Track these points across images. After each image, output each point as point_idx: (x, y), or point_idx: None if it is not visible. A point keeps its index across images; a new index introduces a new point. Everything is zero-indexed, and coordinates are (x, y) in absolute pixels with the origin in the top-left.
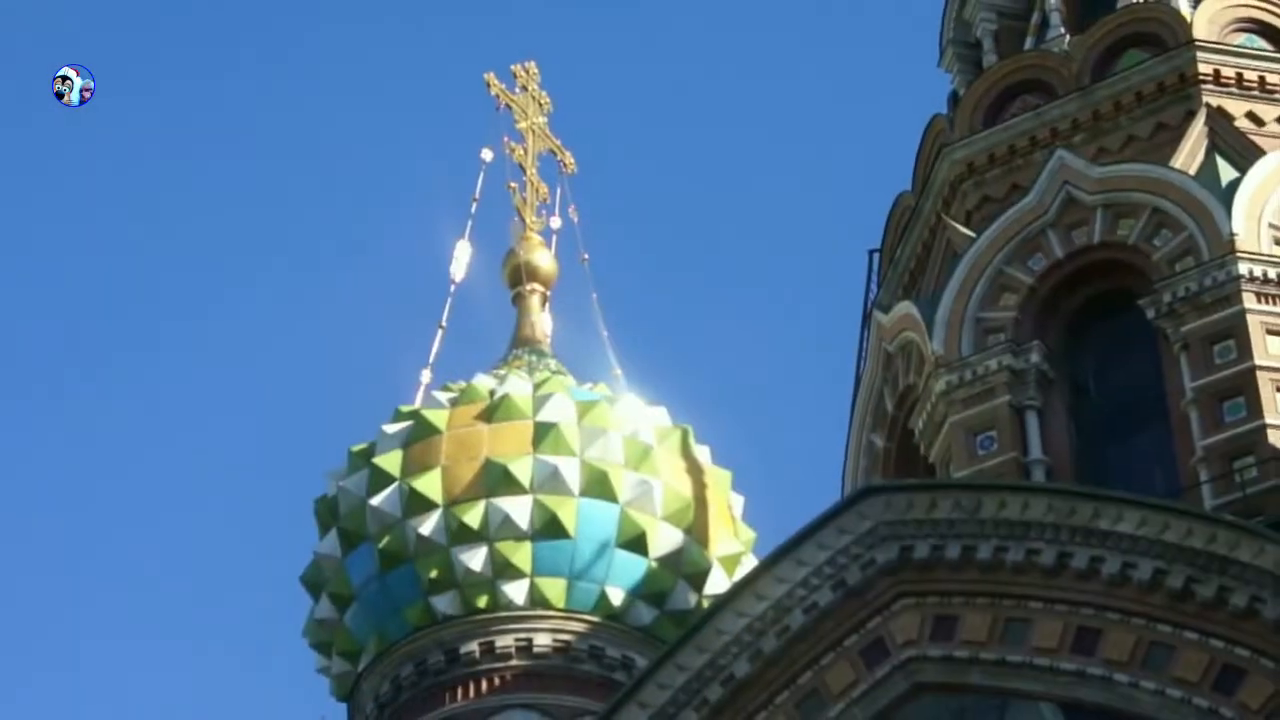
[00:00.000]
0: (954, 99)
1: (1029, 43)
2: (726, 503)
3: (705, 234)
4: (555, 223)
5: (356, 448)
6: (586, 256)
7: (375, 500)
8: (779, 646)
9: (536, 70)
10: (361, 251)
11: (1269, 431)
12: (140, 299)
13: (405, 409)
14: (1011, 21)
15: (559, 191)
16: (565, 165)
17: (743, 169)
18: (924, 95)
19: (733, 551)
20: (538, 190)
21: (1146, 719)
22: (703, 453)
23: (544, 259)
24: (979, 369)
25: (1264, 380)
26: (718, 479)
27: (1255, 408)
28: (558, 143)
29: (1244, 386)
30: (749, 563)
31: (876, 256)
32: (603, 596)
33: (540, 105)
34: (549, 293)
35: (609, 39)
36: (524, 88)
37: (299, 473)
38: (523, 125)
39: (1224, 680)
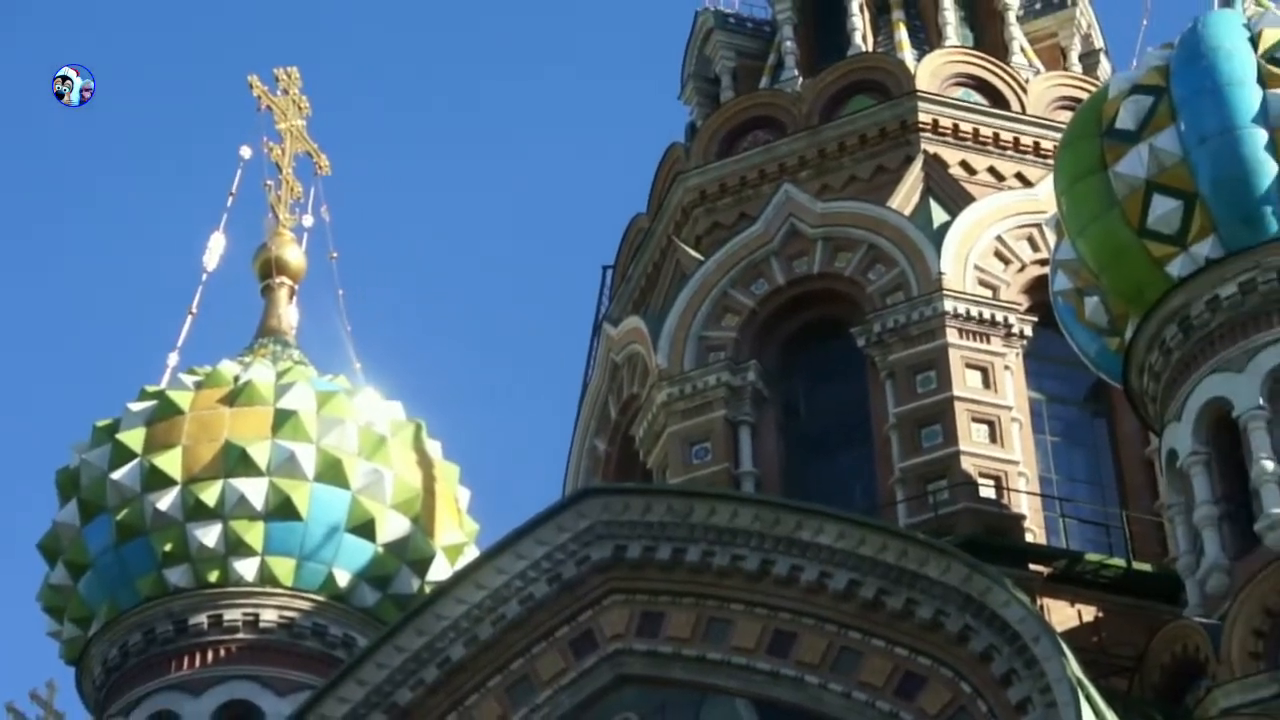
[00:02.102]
0: (692, 130)
1: (765, 82)
2: (453, 495)
3: (450, 241)
4: (307, 221)
5: (101, 423)
6: (335, 255)
7: (116, 474)
8: (494, 634)
9: (298, 75)
10: (120, 236)
11: (962, 458)
12: None
13: (151, 389)
14: (750, 61)
15: (313, 191)
16: (320, 167)
17: (489, 183)
18: (664, 125)
19: (456, 542)
20: (292, 189)
21: (833, 719)
22: (434, 447)
23: (294, 254)
24: (699, 384)
25: (960, 410)
26: (446, 472)
27: (951, 435)
28: (314, 145)
29: (942, 415)
30: (471, 553)
31: (610, 272)
32: (329, 577)
33: (300, 108)
34: (297, 287)
35: (369, 50)
36: (285, 91)
37: (45, 444)
38: (282, 126)
39: (906, 686)
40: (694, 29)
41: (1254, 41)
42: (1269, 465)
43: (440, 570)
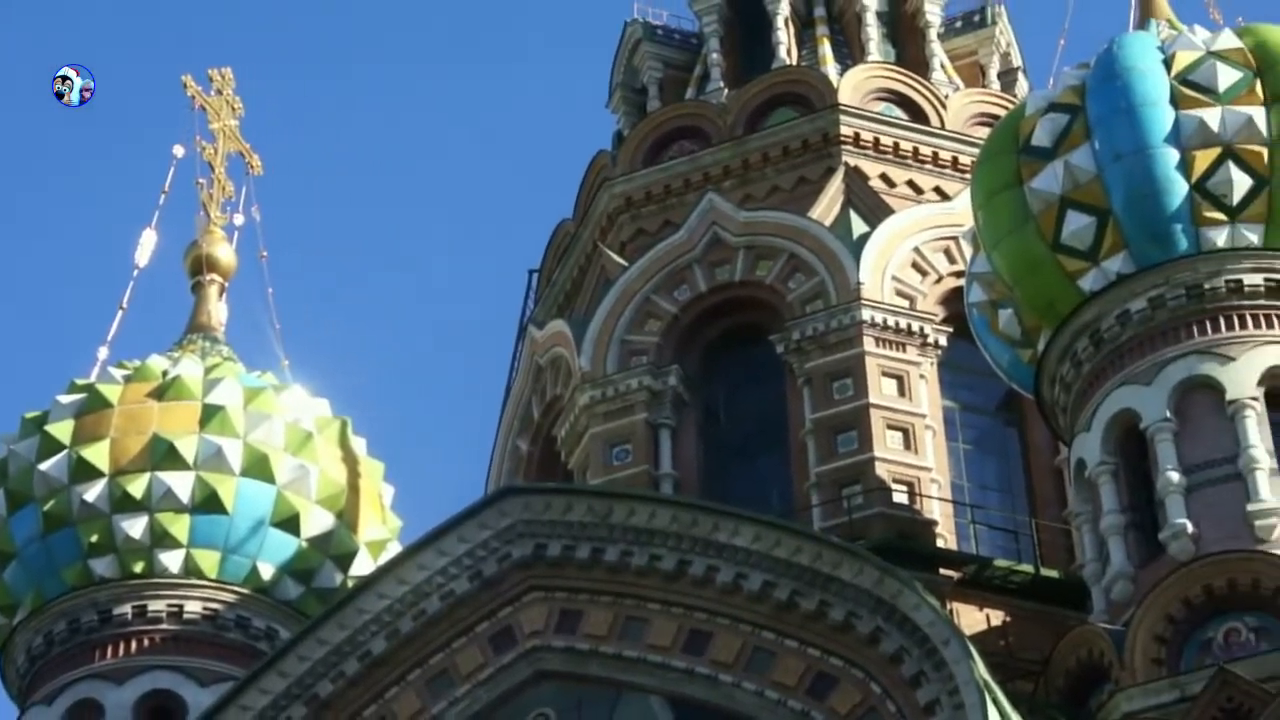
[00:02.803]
0: (618, 138)
1: (691, 93)
2: (378, 492)
3: (379, 243)
4: (238, 220)
5: (30, 414)
6: (265, 254)
7: (44, 465)
8: (415, 628)
9: (232, 76)
10: (52, 231)
11: (876, 464)
12: None
13: (80, 382)
14: (676, 72)
15: (244, 191)
16: (252, 167)
17: (419, 186)
18: (591, 132)
19: (380, 537)
20: (224, 188)
21: (746, 717)
22: (359, 444)
23: (224, 252)
24: (620, 387)
25: (876, 417)
26: (371, 469)
27: (866, 441)
28: (247, 145)
29: (857, 421)
30: (394, 549)
31: (535, 276)
32: (253, 570)
33: (233, 109)
34: (226, 284)
35: (303, 52)
36: (219, 91)
37: None
38: (215, 126)
39: (818, 686)
40: (622, 39)
41: (1168, 63)
42: (1174, 476)
43: (363, 565)
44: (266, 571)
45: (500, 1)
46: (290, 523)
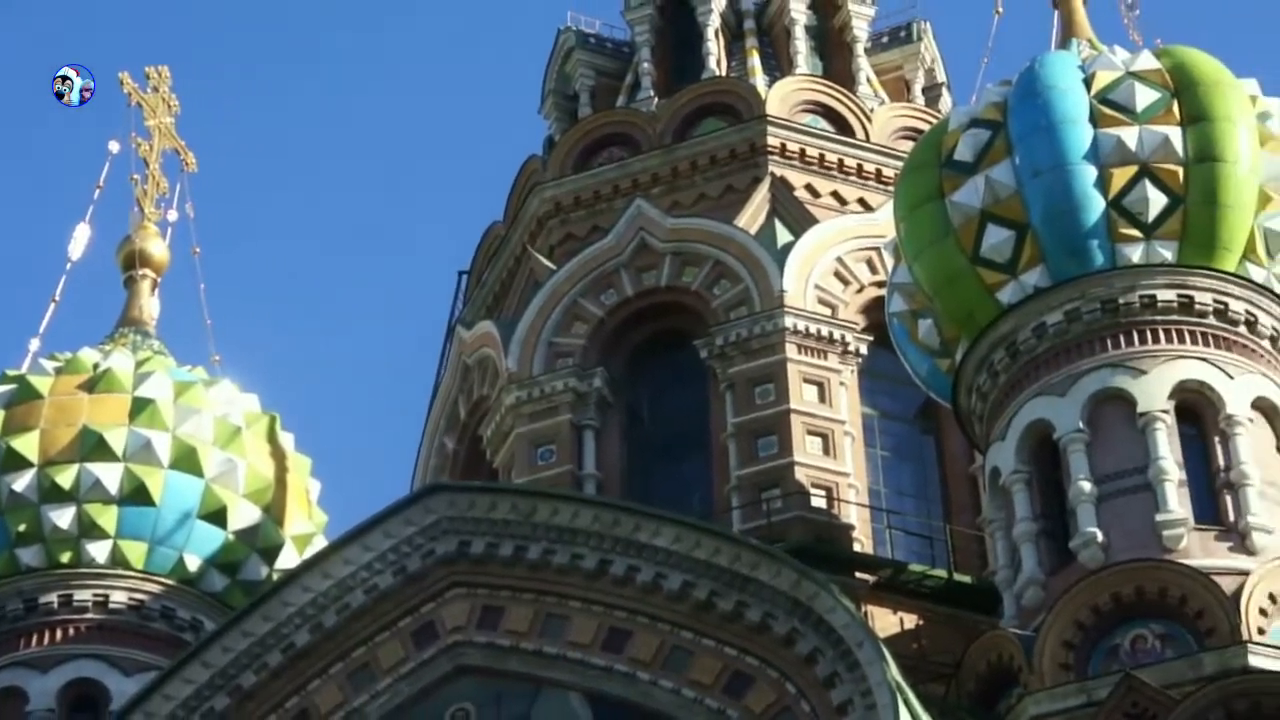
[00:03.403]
0: (550, 143)
1: (621, 101)
2: (304, 487)
3: (311, 242)
4: (172, 215)
5: None
6: (198, 250)
7: None
8: (339, 622)
9: (169, 74)
10: None
11: (796, 468)
12: None
13: (11, 373)
14: (608, 80)
15: (179, 187)
16: (187, 164)
17: (351, 186)
18: (522, 138)
19: (306, 532)
20: (158, 184)
21: (663, 714)
22: (287, 439)
23: (157, 248)
24: (546, 388)
25: (796, 423)
26: (298, 464)
27: (786, 446)
28: (181, 142)
29: (778, 426)
30: (320, 543)
31: (465, 277)
32: (180, 562)
33: (169, 106)
34: (159, 279)
35: (238, 52)
36: (155, 89)
37: None
38: (151, 123)
39: (734, 685)
40: (555, 47)
41: (1088, 83)
42: (1086, 486)
43: (289, 559)
44: (193, 563)
45: (436, 5)
46: (217, 516)
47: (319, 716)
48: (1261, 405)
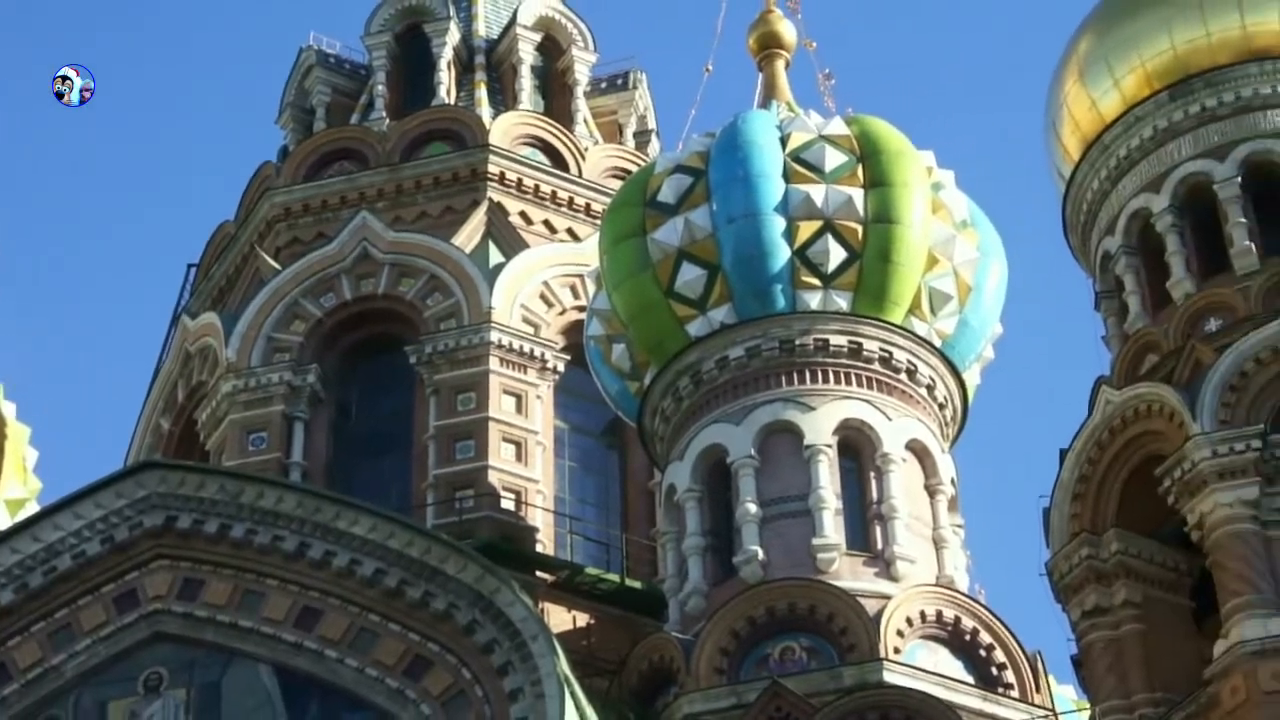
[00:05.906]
0: (284, 152)
1: (355, 118)
2: (22, 454)
3: (48, 226)
4: None
5: None
6: None
7: None
8: (44, 583)
9: None
10: None
11: (489, 472)
12: None
13: None
14: (344, 98)
15: None
16: None
17: (94, 178)
18: (259, 144)
19: (19, 497)
20: None
21: (346, 691)
22: (9, 408)
23: None
24: (262, 379)
25: (494, 430)
26: (17, 432)
27: (482, 450)
28: None
29: (476, 432)
30: (32, 508)
31: (194, 270)
32: None
33: None
34: None
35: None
36: None
37: None
38: None
39: (414, 668)
40: (297, 62)
41: (784, 141)
42: (752, 508)
43: (1, 521)
44: None
45: (193, 13)
46: None
47: (17, 672)
48: (914, 446)
